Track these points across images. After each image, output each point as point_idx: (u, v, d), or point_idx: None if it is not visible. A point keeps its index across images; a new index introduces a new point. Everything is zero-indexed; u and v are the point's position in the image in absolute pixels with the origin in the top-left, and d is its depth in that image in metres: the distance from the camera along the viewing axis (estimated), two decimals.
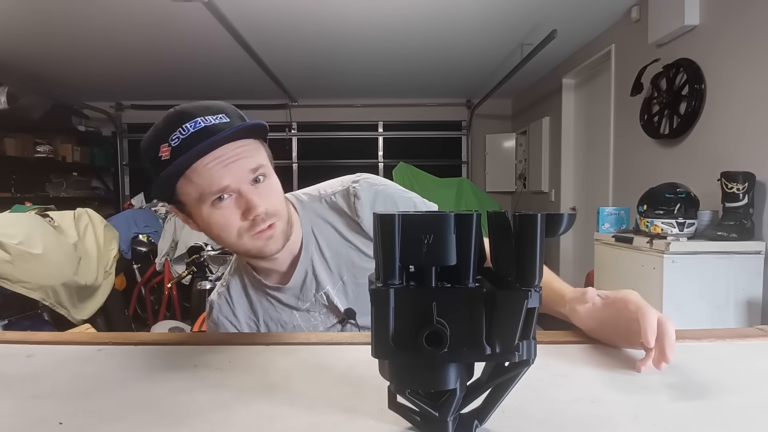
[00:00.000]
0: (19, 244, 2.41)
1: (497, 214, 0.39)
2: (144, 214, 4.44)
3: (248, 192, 0.77)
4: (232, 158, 0.76)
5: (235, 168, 0.76)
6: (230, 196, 0.77)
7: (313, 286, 0.91)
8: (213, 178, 0.75)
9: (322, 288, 0.91)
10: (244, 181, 0.77)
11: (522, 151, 5.59)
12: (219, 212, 0.78)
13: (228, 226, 0.79)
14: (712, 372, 0.58)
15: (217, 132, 0.74)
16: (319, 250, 0.92)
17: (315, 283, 0.91)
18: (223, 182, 0.75)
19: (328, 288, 0.91)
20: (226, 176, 0.75)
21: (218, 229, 0.80)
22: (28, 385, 0.55)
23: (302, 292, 0.92)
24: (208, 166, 0.75)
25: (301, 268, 0.90)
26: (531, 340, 0.39)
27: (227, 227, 0.79)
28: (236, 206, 0.78)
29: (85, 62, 4.26)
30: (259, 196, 0.78)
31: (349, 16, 3.32)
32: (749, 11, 2.28)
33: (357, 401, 0.49)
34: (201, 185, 0.76)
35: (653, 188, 2.32)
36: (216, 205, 0.77)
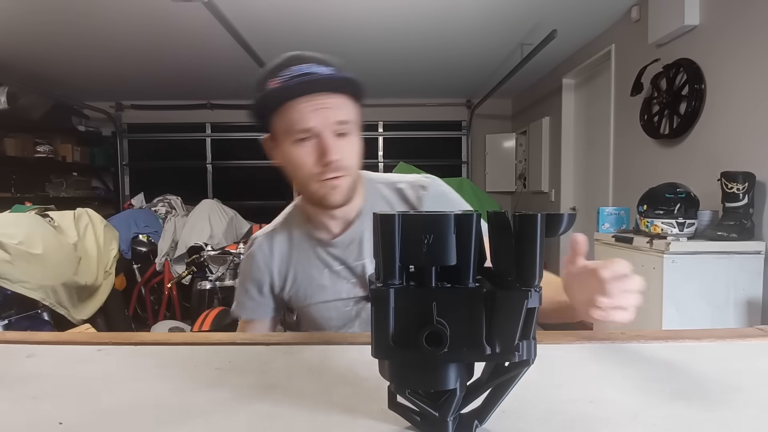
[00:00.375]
0: (19, 244, 2.41)
1: (497, 214, 0.39)
2: (144, 214, 4.44)
3: (328, 139, 0.84)
4: (323, 106, 0.83)
5: (322, 114, 0.83)
6: (312, 139, 0.85)
7: (355, 253, 0.96)
8: (302, 118, 0.83)
9: (362, 258, 0.95)
10: (328, 129, 0.84)
11: (522, 151, 5.59)
12: (298, 151, 0.85)
13: (303, 165, 0.86)
14: (712, 372, 0.58)
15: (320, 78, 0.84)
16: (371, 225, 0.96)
17: (358, 251, 0.96)
18: (309, 123, 0.83)
19: (366, 260, 0.95)
20: (313, 119, 0.83)
21: (293, 166, 0.87)
22: (28, 385, 0.55)
23: (344, 253, 0.96)
24: (301, 106, 0.83)
25: (351, 233, 0.96)
26: (531, 340, 0.39)
27: (302, 166, 0.86)
28: (314, 149, 0.85)
29: (85, 62, 4.26)
30: (336, 147, 0.85)
31: (348, 16, 3.32)
32: (749, 11, 2.28)
33: (357, 401, 0.49)
34: (291, 121, 0.84)
35: (653, 188, 2.32)
36: (298, 144, 0.85)
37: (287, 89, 0.83)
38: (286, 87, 0.84)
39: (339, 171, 0.86)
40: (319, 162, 0.85)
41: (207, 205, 4.44)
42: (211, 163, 6.11)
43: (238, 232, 4.40)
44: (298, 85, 0.83)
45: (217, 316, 2.47)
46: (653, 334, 0.71)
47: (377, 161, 6.11)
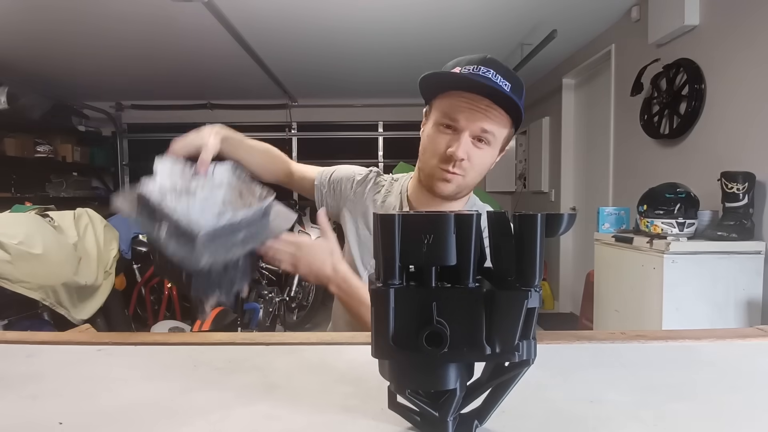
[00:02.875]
0: (19, 244, 2.41)
1: (497, 214, 0.39)
2: None
3: (464, 137, 0.90)
4: (481, 110, 0.89)
5: (474, 116, 0.89)
6: (454, 133, 0.91)
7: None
8: (456, 109, 0.89)
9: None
10: (471, 129, 0.90)
11: (522, 151, 5.59)
12: (437, 134, 0.93)
13: (433, 146, 0.94)
14: (712, 372, 0.58)
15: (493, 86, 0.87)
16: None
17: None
18: (458, 116, 0.89)
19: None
20: (463, 115, 0.89)
21: (429, 145, 0.94)
22: (28, 385, 0.55)
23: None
24: (461, 100, 0.89)
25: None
26: (531, 340, 0.39)
27: (431, 147, 0.94)
28: (450, 140, 0.91)
29: (85, 62, 4.26)
30: (467, 149, 0.90)
31: (349, 16, 3.32)
32: (749, 11, 2.28)
33: (357, 401, 0.49)
34: (447, 107, 0.91)
35: (653, 188, 2.32)
36: (440, 127, 0.92)
37: (459, 79, 0.88)
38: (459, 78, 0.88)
39: (458, 169, 0.92)
40: (446, 151, 0.91)
41: None
42: None
43: None
44: (469, 81, 0.87)
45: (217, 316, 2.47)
46: (653, 334, 0.71)
47: (377, 161, 6.11)
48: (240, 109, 5.80)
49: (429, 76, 0.91)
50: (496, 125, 0.91)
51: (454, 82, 0.90)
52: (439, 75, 0.91)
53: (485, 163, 0.95)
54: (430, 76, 0.91)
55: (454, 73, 0.89)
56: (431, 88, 0.95)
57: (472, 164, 0.92)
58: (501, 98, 0.88)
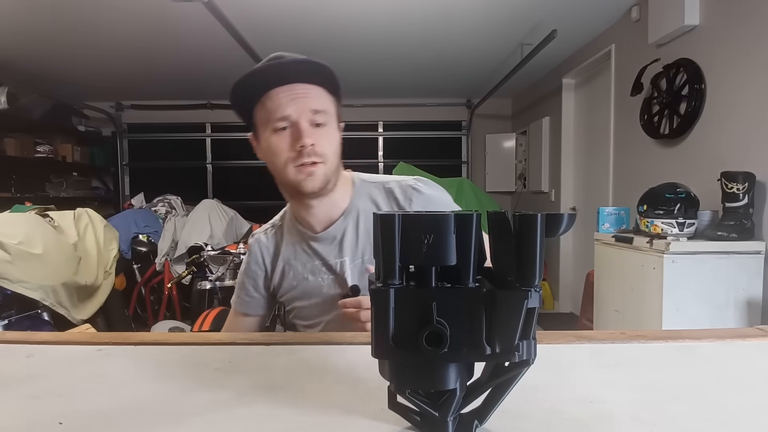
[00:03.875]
0: (19, 244, 2.41)
1: (497, 214, 0.39)
2: (144, 214, 4.44)
3: (303, 125, 0.89)
4: (300, 95, 0.88)
5: (298, 103, 0.88)
6: (289, 128, 0.89)
7: (335, 251, 0.99)
8: (279, 106, 0.88)
9: (341, 257, 0.98)
10: (303, 117, 0.89)
11: (522, 151, 5.59)
12: (276, 138, 0.90)
13: (279, 152, 0.90)
14: (712, 372, 0.58)
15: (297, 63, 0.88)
16: (355, 224, 1.00)
17: (338, 249, 0.99)
18: (286, 111, 0.88)
19: (346, 259, 0.98)
20: (289, 107, 0.88)
21: (271, 154, 0.92)
22: (28, 385, 0.55)
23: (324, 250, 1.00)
24: (278, 96, 0.88)
25: (333, 231, 0.99)
26: (531, 340, 0.39)
27: (278, 153, 0.91)
28: (291, 136, 0.90)
29: (85, 62, 4.26)
30: (311, 134, 0.89)
31: (349, 16, 3.31)
32: (749, 11, 2.28)
33: (357, 401, 0.49)
34: (270, 110, 0.89)
35: (653, 188, 2.32)
36: (276, 132, 0.90)
37: (263, 74, 0.88)
38: (261, 71, 0.88)
39: (313, 156, 0.89)
40: (293, 147, 0.89)
41: (207, 205, 4.44)
42: (211, 163, 6.11)
43: (238, 232, 4.40)
44: (272, 69, 0.87)
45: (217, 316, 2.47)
46: (653, 334, 0.71)
47: (377, 161, 6.11)
48: None
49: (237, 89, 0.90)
50: (321, 101, 0.91)
51: (261, 83, 0.89)
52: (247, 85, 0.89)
53: (334, 142, 0.94)
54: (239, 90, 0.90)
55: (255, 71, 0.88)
56: (246, 102, 0.93)
57: (324, 146, 0.91)
58: (305, 71, 0.89)
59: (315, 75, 0.90)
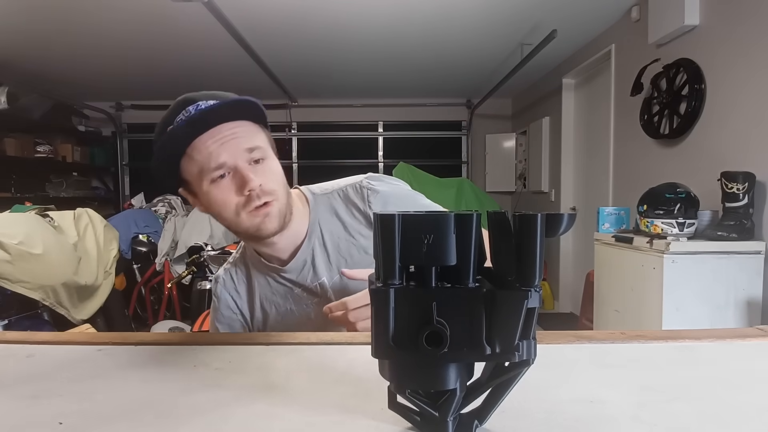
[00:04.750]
0: (19, 244, 2.41)
1: (497, 214, 0.39)
2: (144, 214, 4.44)
3: (244, 168, 0.82)
4: (228, 137, 0.81)
5: (231, 146, 0.81)
6: (228, 174, 0.82)
7: (310, 274, 0.95)
8: (211, 155, 0.80)
9: (318, 278, 0.94)
10: (241, 159, 0.82)
11: (522, 151, 5.59)
12: (217, 189, 0.82)
13: (226, 202, 0.83)
14: (712, 372, 0.58)
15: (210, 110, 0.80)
16: (322, 242, 0.95)
17: (312, 272, 0.95)
18: (220, 159, 0.80)
19: (324, 279, 0.94)
20: (223, 153, 0.80)
21: (218, 206, 0.84)
22: (28, 385, 0.55)
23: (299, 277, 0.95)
24: (206, 144, 0.80)
25: (301, 256, 0.94)
26: (531, 340, 0.39)
27: (225, 203, 0.83)
28: (233, 182, 0.82)
29: (85, 62, 4.26)
30: (255, 174, 0.82)
31: (349, 16, 3.32)
32: (749, 11, 2.28)
33: (357, 401, 0.49)
34: (200, 161, 0.81)
35: (653, 188, 2.32)
36: (215, 183, 0.82)
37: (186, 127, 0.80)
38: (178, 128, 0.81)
39: (264, 197, 0.83)
40: (240, 193, 0.82)
41: None
42: None
43: None
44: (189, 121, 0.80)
45: None
46: (653, 334, 0.71)
47: (377, 161, 6.11)
48: None
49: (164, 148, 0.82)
50: (251, 137, 0.84)
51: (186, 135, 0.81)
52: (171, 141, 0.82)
53: (278, 175, 0.87)
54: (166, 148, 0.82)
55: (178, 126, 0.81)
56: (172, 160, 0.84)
57: (270, 183, 0.84)
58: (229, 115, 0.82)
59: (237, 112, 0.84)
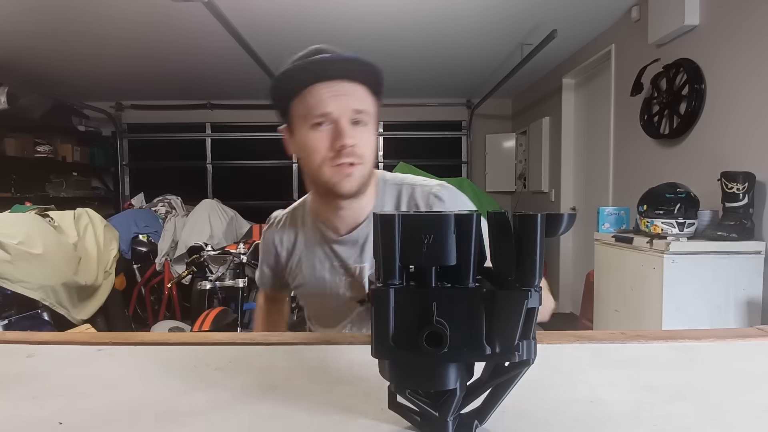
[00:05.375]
0: (19, 244, 2.41)
1: (497, 214, 0.39)
2: (144, 214, 4.44)
3: (344, 124, 0.85)
4: (342, 93, 0.85)
5: (341, 101, 0.85)
6: (328, 126, 0.86)
7: (355, 255, 0.97)
8: (320, 103, 0.84)
9: (362, 262, 0.97)
10: (345, 116, 0.85)
11: (522, 151, 5.59)
12: (315, 135, 0.86)
13: (317, 149, 0.86)
14: (712, 372, 0.58)
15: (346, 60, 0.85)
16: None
17: (359, 254, 0.97)
18: (327, 108, 0.84)
19: (366, 265, 0.96)
20: (331, 104, 0.84)
21: (308, 151, 0.87)
22: (28, 385, 0.55)
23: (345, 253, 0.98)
24: (320, 92, 0.85)
25: (356, 234, 0.97)
26: (531, 340, 0.39)
27: (316, 150, 0.86)
28: (330, 134, 0.86)
29: (85, 62, 4.26)
30: (352, 133, 0.85)
31: (349, 16, 3.32)
32: (749, 11, 2.28)
33: (357, 401, 0.49)
34: (309, 106, 0.85)
35: (653, 188, 2.32)
36: (314, 128, 0.86)
37: (306, 70, 0.85)
38: (304, 67, 0.85)
39: (353, 157, 0.86)
40: (333, 146, 0.85)
41: (207, 205, 4.44)
42: (211, 163, 6.11)
43: (238, 232, 4.40)
44: (315, 65, 0.84)
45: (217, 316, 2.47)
46: (653, 334, 0.71)
47: (377, 161, 6.10)
48: (240, 109, 5.80)
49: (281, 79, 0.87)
50: (362, 100, 0.88)
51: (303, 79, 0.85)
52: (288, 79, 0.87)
53: (373, 144, 0.91)
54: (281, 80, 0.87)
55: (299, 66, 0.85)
56: (285, 97, 0.89)
57: (364, 147, 0.87)
58: (351, 69, 0.86)
59: (360, 73, 0.87)
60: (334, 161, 0.86)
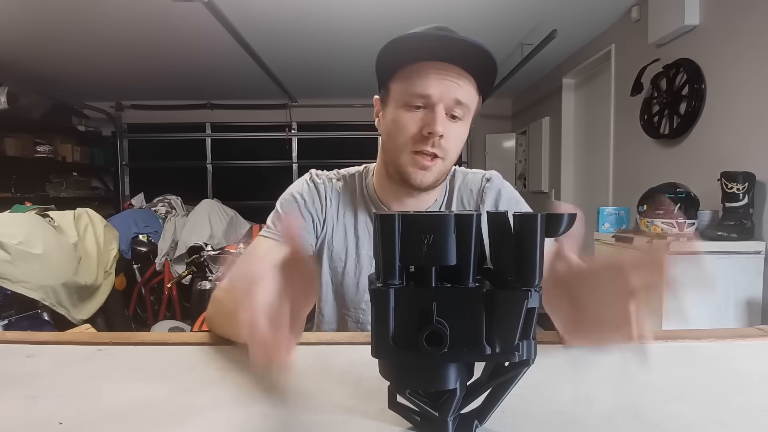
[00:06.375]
0: (19, 244, 2.41)
1: (497, 214, 0.39)
2: (144, 214, 4.44)
3: (440, 112, 0.79)
4: (450, 79, 0.78)
5: (446, 87, 0.78)
6: (424, 109, 0.80)
7: None
8: (424, 83, 0.78)
9: None
10: (444, 103, 0.79)
11: (522, 151, 5.59)
12: (408, 115, 0.80)
13: (405, 130, 0.81)
14: (712, 372, 0.58)
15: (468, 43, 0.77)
16: None
17: None
18: (429, 90, 0.78)
19: None
20: (435, 88, 0.78)
21: (396, 129, 0.82)
22: (28, 385, 0.55)
23: None
24: (428, 72, 0.78)
25: None
26: (531, 340, 0.39)
27: (404, 130, 0.81)
28: (423, 119, 0.80)
29: (85, 62, 4.26)
30: (445, 124, 0.79)
31: (349, 16, 3.32)
32: (750, 11, 2.28)
33: (357, 401, 0.49)
34: (412, 84, 0.79)
35: (653, 188, 2.32)
36: (408, 108, 0.81)
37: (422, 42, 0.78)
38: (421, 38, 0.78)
39: (438, 149, 0.80)
40: (420, 130, 0.80)
41: (207, 205, 4.44)
42: (211, 163, 6.11)
43: (238, 232, 4.40)
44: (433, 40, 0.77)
45: None
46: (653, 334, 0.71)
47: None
48: (240, 109, 5.81)
49: (391, 45, 0.78)
50: (469, 96, 0.81)
51: (419, 51, 0.78)
52: (405, 41, 0.77)
53: (461, 142, 0.84)
54: (391, 46, 0.78)
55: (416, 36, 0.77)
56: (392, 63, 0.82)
57: (451, 143, 0.81)
58: (472, 61, 0.78)
59: (475, 64, 0.79)
60: (417, 146, 0.81)
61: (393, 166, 0.85)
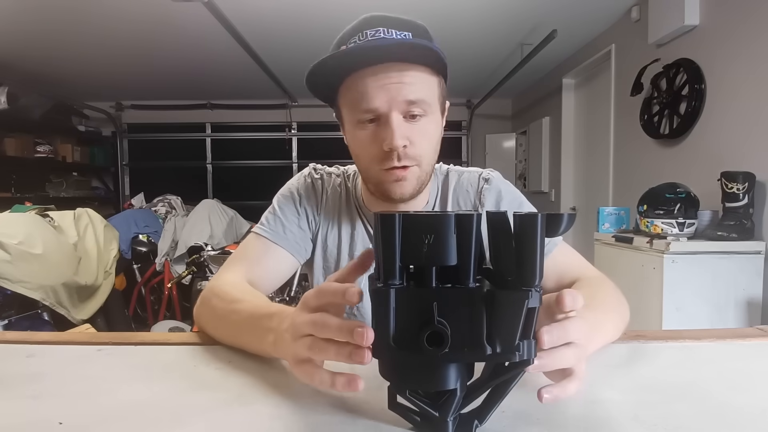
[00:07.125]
0: (19, 244, 2.41)
1: (497, 213, 0.39)
2: (144, 214, 4.44)
3: (394, 122, 0.70)
4: (393, 82, 0.69)
5: (390, 92, 0.69)
6: (376, 122, 0.72)
7: None
8: (365, 95, 0.70)
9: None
10: (396, 110, 0.70)
11: (522, 151, 5.59)
12: (361, 133, 0.73)
13: (366, 150, 0.74)
14: (713, 372, 0.58)
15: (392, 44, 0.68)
16: None
17: None
18: (373, 104, 0.70)
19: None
20: (378, 98, 0.70)
21: (359, 149, 0.76)
22: (28, 385, 0.55)
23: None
24: (365, 81, 0.70)
25: None
26: (531, 340, 0.39)
27: (365, 150, 0.74)
28: (377, 132, 0.72)
29: (85, 62, 4.26)
30: (404, 131, 0.71)
31: (349, 16, 3.30)
32: (749, 11, 2.28)
33: (357, 401, 0.49)
34: (353, 99, 0.72)
35: (653, 188, 2.32)
36: (361, 125, 0.73)
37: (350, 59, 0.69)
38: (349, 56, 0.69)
39: (405, 160, 0.72)
40: (381, 148, 0.72)
41: (207, 205, 4.44)
42: (211, 163, 6.11)
43: (238, 232, 4.40)
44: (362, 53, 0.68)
45: None
46: (653, 334, 0.71)
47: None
48: (240, 109, 5.81)
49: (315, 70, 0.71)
50: (420, 88, 0.71)
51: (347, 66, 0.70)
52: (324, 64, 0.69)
53: (433, 137, 0.76)
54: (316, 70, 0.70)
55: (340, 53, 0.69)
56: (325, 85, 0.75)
57: (419, 146, 0.73)
58: (410, 54, 0.70)
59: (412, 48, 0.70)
60: (384, 164, 0.73)
61: (371, 183, 0.79)
